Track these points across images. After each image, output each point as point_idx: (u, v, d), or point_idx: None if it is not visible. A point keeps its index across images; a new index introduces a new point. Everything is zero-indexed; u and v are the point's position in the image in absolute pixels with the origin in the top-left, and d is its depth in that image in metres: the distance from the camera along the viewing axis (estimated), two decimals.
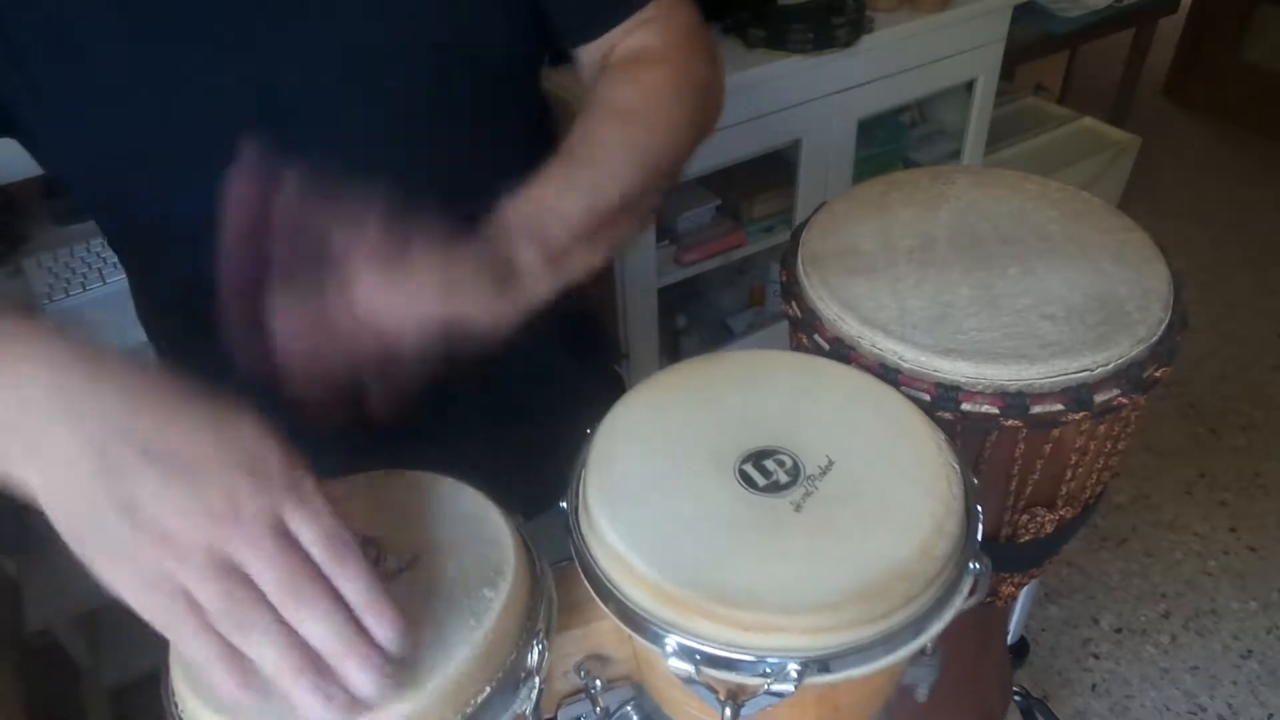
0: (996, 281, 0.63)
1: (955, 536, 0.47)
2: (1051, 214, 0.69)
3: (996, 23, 1.75)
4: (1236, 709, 1.50)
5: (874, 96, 1.66)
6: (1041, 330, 0.58)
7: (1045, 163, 2.23)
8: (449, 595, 0.44)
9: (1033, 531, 0.68)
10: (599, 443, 0.52)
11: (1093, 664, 1.57)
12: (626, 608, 0.45)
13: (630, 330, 1.66)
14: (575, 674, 0.52)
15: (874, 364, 0.59)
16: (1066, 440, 0.62)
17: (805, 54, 1.50)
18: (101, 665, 1.46)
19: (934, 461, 0.50)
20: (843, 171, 1.72)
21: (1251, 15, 2.91)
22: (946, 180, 0.74)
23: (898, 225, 0.69)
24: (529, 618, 0.45)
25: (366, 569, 0.38)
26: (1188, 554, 1.74)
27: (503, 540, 0.47)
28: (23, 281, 1.24)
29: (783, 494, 0.48)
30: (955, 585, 0.46)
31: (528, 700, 0.43)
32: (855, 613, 0.43)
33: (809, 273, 0.65)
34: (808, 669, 0.42)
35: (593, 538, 0.48)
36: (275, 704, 0.40)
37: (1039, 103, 2.49)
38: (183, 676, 0.42)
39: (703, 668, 0.43)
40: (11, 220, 1.33)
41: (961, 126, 1.92)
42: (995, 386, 0.57)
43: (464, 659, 0.41)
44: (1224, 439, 1.96)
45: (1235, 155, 2.90)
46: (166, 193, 0.58)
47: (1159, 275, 0.63)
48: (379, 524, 0.48)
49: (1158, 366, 0.58)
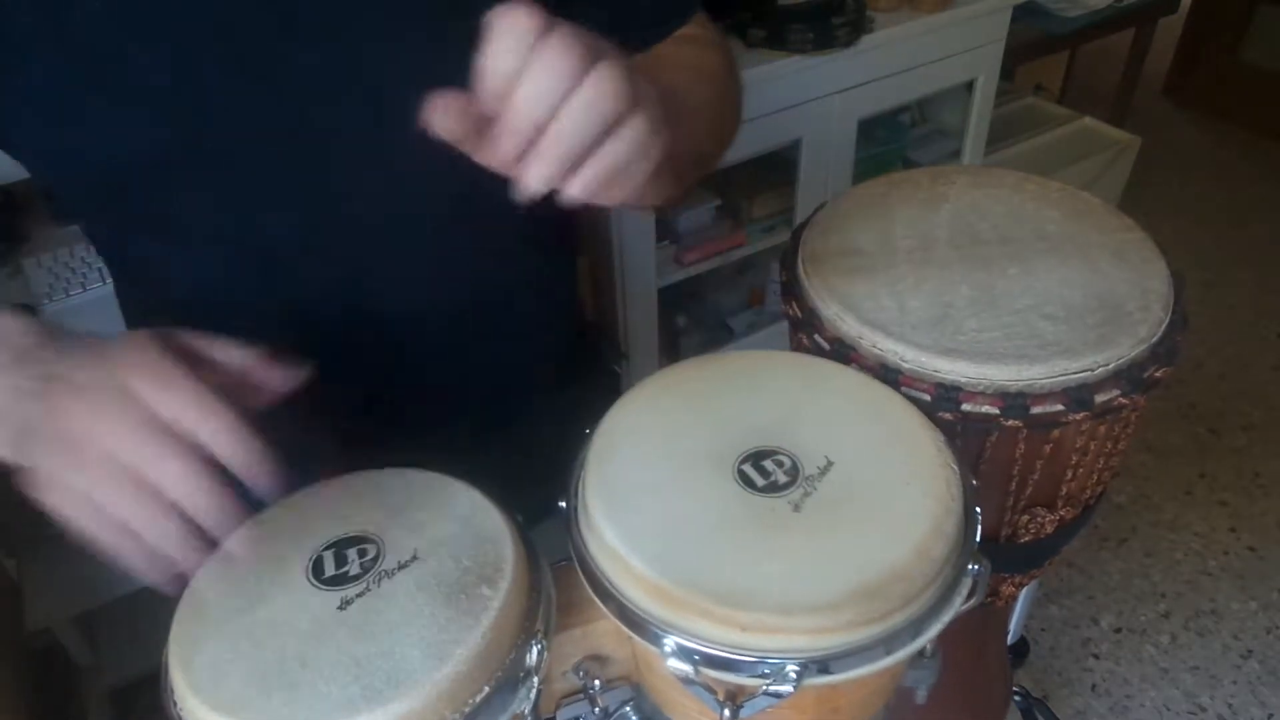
0: (997, 281, 0.63)
1: (954, 538, 0.47)
2: (1051, 214, 0.69)
3: (996, 23, 1.75)
4: (1236, 709, 1.50)
5: (874, 96, 1.66)
6: (1042, 330, 0.58)
7: (1045, 163, 2.23)
8: (448, 594, 0.44)
9: (1033, 532, 0.68)
10: (598, 442, 0.52)
11: (1093, 664, 1.57)
12: (625, 608, 0.45)
13: (630, 330, 1.66)
14: (574, 674, 0.52)
15: (874, 364, 0.59)
16: (1066, 441, 0.62)
17: (805, 54, 1.50)
18: (101, 665, 1.46)
19: (933, 462, 0.50)
20: (843, 171, 1.72)
21: (1251, 15, 2.91)
22: (946, 180, 0.74)
23: (898, 225, 0.69)
24: (528, 617, 0.45)
25: (228, 418, 0.41)
26: (1188, 554, 1.74)
27: (501, 539, 0.47)
28: (23, 281, 1.24)
29: (782, 494, 0.48)
30: (954, 586, 0.46)
31: (526, 700, 0.43)
32: (854, 613, 0.43)
33: (809, 272, 0.65)
34: (806, 670, 0.42)
35: (592, 538, 0.48)
36: (276, 703, 0.40)
37: (1039, 103, 2.49)
38: (182, 675, 0.42)
39: (701, 668, 0.43)
40: (11, 220, 1.32)
41: (961, 126, 1.92)
42: (995, 387, 0.57)
43: (462, 658, 0.41)
44: (1224, 439, 1.96)
45: (1235, 155, 2.90)
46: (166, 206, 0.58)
47: (1159, 275, 0.63)
48: (378, 522, 0.48)
49: (1158, 367, 0.58)
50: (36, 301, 1.20)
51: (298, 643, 0.42)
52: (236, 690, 0.41)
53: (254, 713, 0.40)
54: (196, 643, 0.43)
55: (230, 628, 0.44)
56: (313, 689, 0.40)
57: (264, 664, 0.41)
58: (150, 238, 0.61)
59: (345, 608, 0.44)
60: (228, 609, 0.45)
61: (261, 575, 0.46)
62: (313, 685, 0.40)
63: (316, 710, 0.39)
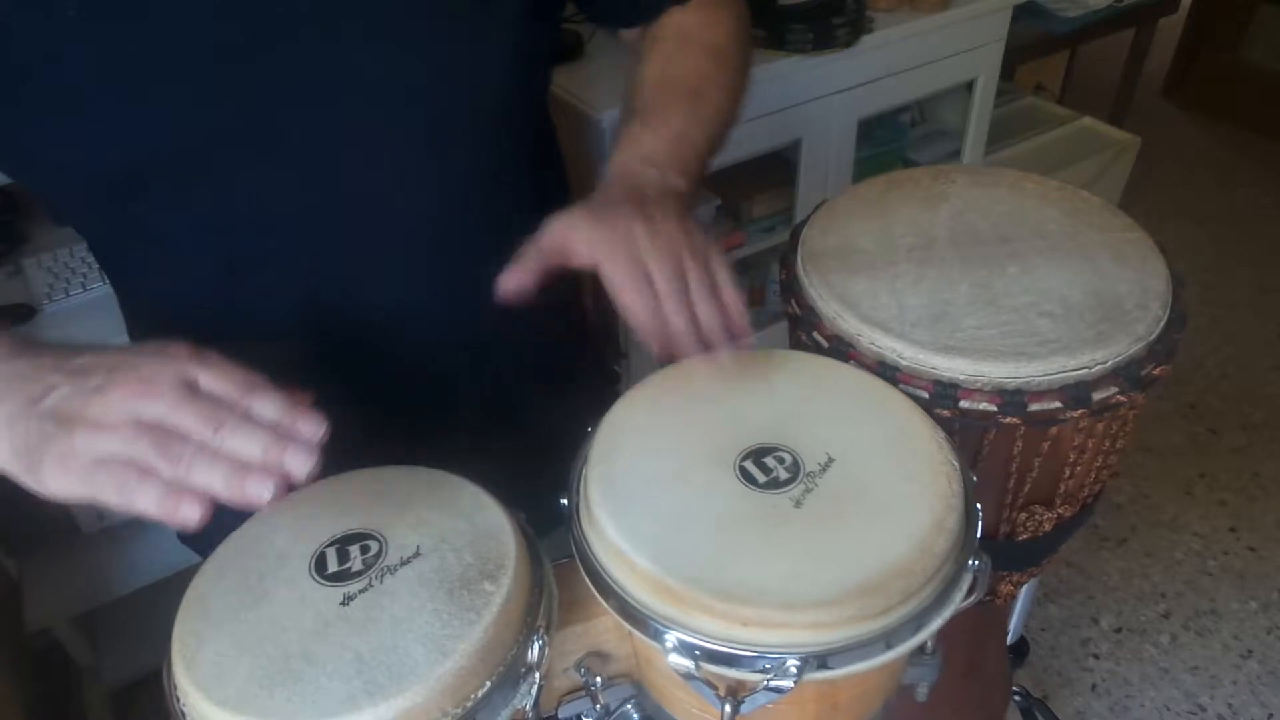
0: (995, 280, 0.63)
1: (955, 533, 0.47)
2: (1051, 213, 0.69)
3: (996, 23, 1.75)
4: (1236, 709, 1.50)
5: (874, 96, 1.66)
6: (1040, 328, 0.59)
7: (1045, 163, 2.23)
8: (450, 589, 0.44)
9: (1031, 530, 0.68)
10: (600, 440, 0.52)
11: (1093, 664, 1.57)
12: (627, 604, 0.45)
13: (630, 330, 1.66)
14: (575, 671, 0.53)
15: (872, 362, 0.59)
16: (1065, 438, 0.62)
17: (805, 54, 1.50)
18: (101, 665, 1.46)
19: (933, 458, 0.50)
20: (843, 171, 1.72)
21: (1251, 15, 2.91)
22: (946, 179, 0.74)
23: (897, 224, 0.69)
24: (530, 613, 0.45)
25: (275, 393, 0.43)
26: (1188, 554, 1.74)
27: (503, 535, 0.47)
28: (23, 281, 1.24)
29: (783, 490, 0.48)
30: (955, 582, 0.47)
31: (528, 696, 0.44)
32: (855, 609, 0.43)
33: (808, 271, 0.65)
34: (807, 665, 0.42)
35: (593, 534, 0.48)
36: (279, 699, 0.40)
37: (1039, 103, 2.48)
38: (185, 672, 0.42)
39: (702, 664, 0.43)
40: (11, 220, 1.33)
41: (961, 126, 1.92)
42: (993, 384, 0.57)
43: (464, 653, 0.41)
44: (1224, 439, 1.96)
45: (1235, 155, 2.90)
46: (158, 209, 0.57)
47: (1158, 274, 0.63)
48: (381, 518, 0.48)
49: (1156, 365, 0.58)
50: (37, 302, 1.20)
51: (300, 639, 0.43)
52: (240, 686, 0.41)
53: (257, 709, 0.40)
54: (200, 639, 0.43)
55: (233, 624, 0.44)
56: (316, 684, 0.40)
57: (267, 660, 0.42)
58: (144, 243, 0.61)
59: (348, 604, 0.44)
60: (230, 606, 0.45)
61: (264, 572, 0.46)
62: (316, 681, 0.41)
63: (320, 706, 0.40)
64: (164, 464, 0.40)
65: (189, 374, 0.42)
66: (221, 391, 0.43)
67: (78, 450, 0.40)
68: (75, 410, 0.41)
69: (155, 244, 0.61)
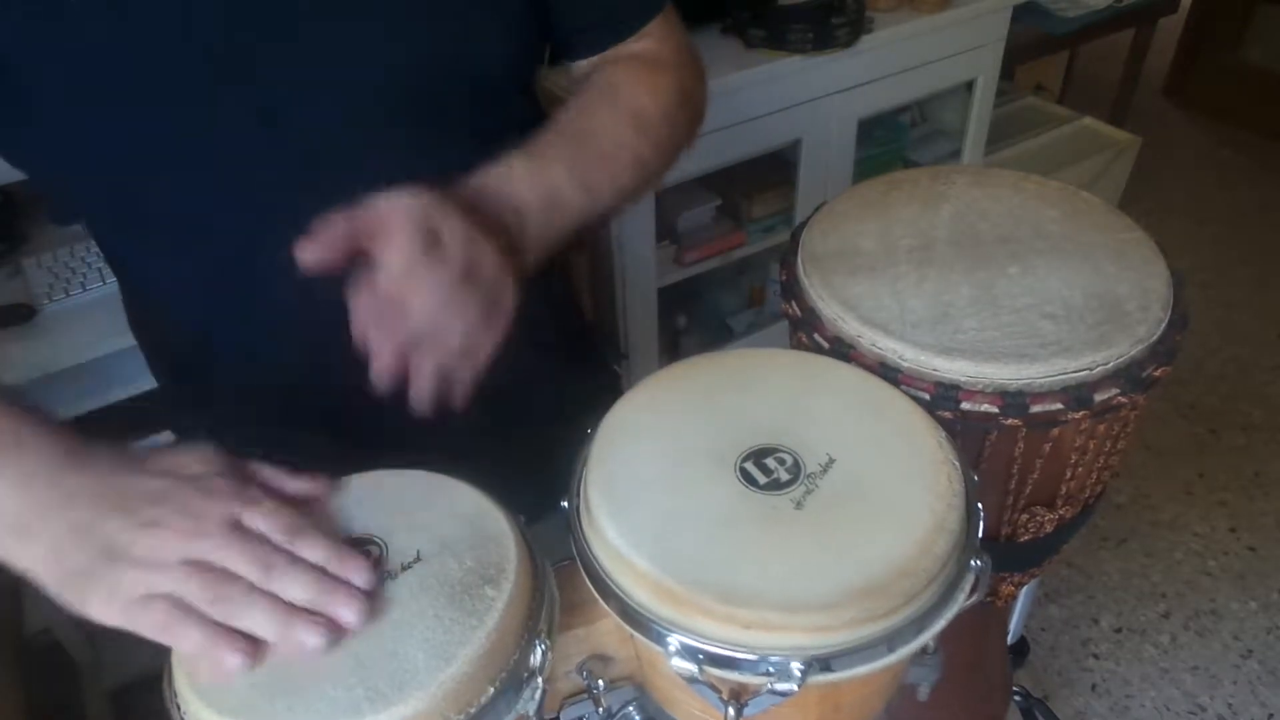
0: (996, 281, 0.63)
1: (956, 533, 0.47)
2: (1051, 214, 0.69)
3: (996, 23, 1.75)
4: (1236, 709, 1.50)
5: (874, 96, 1.66)
6: (1041, 329, 0.58)
7: (1045, 163, 2.23)
8: (451, 594, 0.44)
9: (1032, 531, 0.68)
10: (600, 441, 0.52)
11: (1093, 664, 1.57)
12: (629, 607, 0.45)
13: (630, 330, 1.66)
14: (578, 674, 0.52)
15: (874, 363, 0.59)
16: (1066, 440, 0.62)
17: (805, 54, 1.50)
18: (101, 665, 1.46)
19: (934, 458, 0.50)
20: (843, 171, 1.72)
21: (1251, 15, 2.91)
22: (946, 180, 0.74)
23: (898, 225, 0.69)
24: (532, 617, 0.45)
25: (322, 537, 0.44)
26: (1188, 554, 1.74)
27: (504, 539, 0.47)
28: (22, 281, 1.24)
29: (784, 492, 0.48)
30: (957, 583, 0.46)
31: (531, 701, 0.43)
32: (858, 611, 0.43)
33: (809, 272, 0.65)
34: (811, 668, 0.42)
35: (594, 537, 0.48)
36: (280, 707, 0.40)
37: (1039, 103, 2.49)
38: (184, 678, 0.42)
39: (706, 667, 0.43)
40: (11, 220, 1.32)
41: (961, 126, 1.92)
42: (995, 385, 0.57)
43: (466, 659, 0.41)
44: (1224, 439, 1.96)
45: (1235, 155, 2.90)
46: (161, 199, 0.58)
47: (1159, 275, 0.63)
48: (381, 523, 0.48)
49: (1157, 366, 0.58)
50: (36, 302, 1.20)
51: None
52: (241, 694, 0.41)
53: (258, 717, 0.40)
54: None
55: None
56: (317, 692, 0.40)
57: (268, 667, 0.41)
58: (146, 232, 0.61)
59: None
60: None
61: None
62: (317, 688, 0.40)
63: (321, 713, 0.39)
64: (212, 607, 0.41)
65: (235, 513, 0.43)
66: (268, 530, 0.43)
67: (125, 587, 0.41)
68: (124, 547, 0.42)
69: (157, 234, 0.61)
